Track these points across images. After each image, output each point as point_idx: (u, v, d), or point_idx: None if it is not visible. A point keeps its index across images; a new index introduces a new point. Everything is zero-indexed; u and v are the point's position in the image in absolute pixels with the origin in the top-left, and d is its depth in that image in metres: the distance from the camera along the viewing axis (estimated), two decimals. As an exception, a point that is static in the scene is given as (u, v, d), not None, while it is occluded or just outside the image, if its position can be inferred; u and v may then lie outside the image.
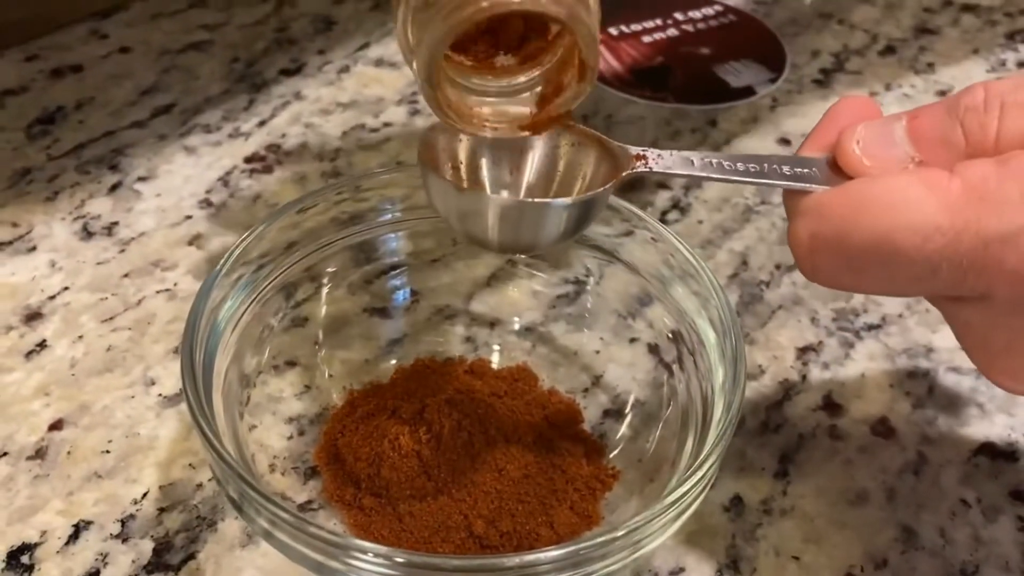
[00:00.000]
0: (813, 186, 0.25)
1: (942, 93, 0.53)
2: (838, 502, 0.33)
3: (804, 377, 0.37)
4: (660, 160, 0.26)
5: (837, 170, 0.25)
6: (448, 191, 0.26)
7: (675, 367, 0.33)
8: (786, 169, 0.25)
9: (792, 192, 0.25)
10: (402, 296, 0.37)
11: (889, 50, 0.56)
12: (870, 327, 0.39)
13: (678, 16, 0.58)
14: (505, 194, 0.26)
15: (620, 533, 0.24)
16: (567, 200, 0.26)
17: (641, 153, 0.26)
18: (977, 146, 0.23)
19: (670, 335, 0.34)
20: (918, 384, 0.37)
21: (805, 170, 0.25)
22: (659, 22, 0.57)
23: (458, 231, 0.27)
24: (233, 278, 0.31)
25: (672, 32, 0.57)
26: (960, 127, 0.23)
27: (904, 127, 0.24)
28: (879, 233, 0.22)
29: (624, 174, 0.26)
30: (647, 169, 0.26)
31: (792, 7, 0.60)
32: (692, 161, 0.26)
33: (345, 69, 0.52)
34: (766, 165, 0.26)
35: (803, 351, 0.38)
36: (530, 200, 0.25)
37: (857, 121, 0.25)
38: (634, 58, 0.54)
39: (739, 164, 0.26)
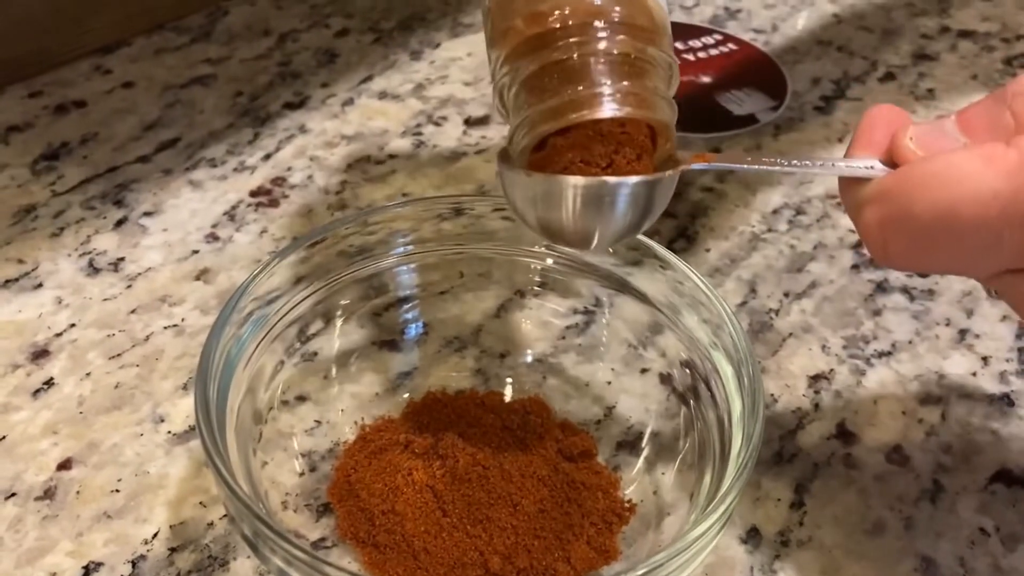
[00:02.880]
0: (873, 173, 0.25)
1: (943, 119, 0.53)
2: (855, 532, 0.32)
3: (817, 406, 0.37)
4: (717, 157, 0.28)
5: (892, 166, 0.26)
6: (522, 180, 0.27)
7: (689, 397, 0.33)
8: (842, 164, 0.26)
9: (850, 186, 0.26)
10: (411, 329, 0.37)
11: (889, 76, 0.57)
12: (881, 354, 0.39)
13: (678, 45, 0.58)
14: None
15: (640, 571, 0.24)
16: (641, 178, 0.26)
17: (701, 153, 0.28)
18: None
19: (682, 365, 0.34)
20: (931, 411, 0.37)
21: (860, 165, 0.26)
22: (660, 51, 0.57)
23: (535, 227, 0.28)
24: (244, 314, 0.31)
25: (673, 61, 0.57)
26: (1009, 111, 0.24)
27: (954, 121, 0.25)
28: (942, 206, 0.23)
29: (685, 167, 0.27)
30: (706, 164, 0.28)
31: (791, 35, 0.60)
32: (746, 158, 0.28)
33: (349, 102, 0.53)
34: (823, 161, 0.27)
35: (815, 379, 0.38)
36: (600, 179, 0.26)
37: (894, 123, 0.26)
38: (636, 87, 0.54)
39: (794, 160, 0.27)
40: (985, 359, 0.39)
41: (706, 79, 0.55)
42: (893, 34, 0.61)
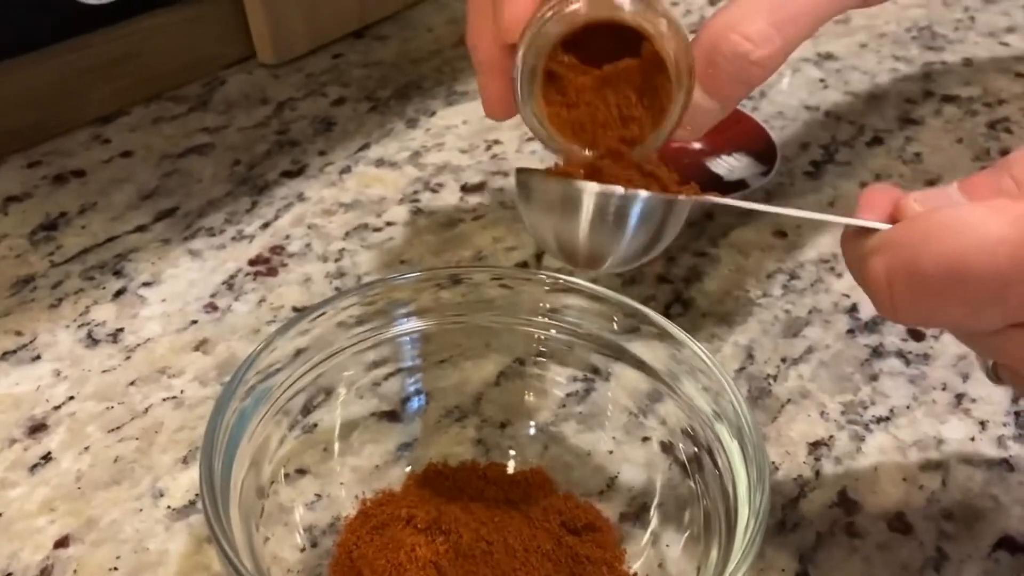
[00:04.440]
0: (880, 225, 0.26)
1: (931, 182, 0.54)
2: (861, 602, 0.32)
3: (818, 473, 0.37)
4: (732, 195, 0.29)
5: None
6: (540, 186, 0.28)
7: (692, 467, 0.33)
8: (847, 219, 0.27)
9: (854, 239, 0.27)
10: (412, 400, 0.37)
11: (876, 141, 0.58)
12: (879, 419, 0.39)
13: (669, 111, 0.59)
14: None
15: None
16: (658, 195, 0.28)
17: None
18: None
19: (684, 433, 0.34)
20: (931, 477, 0.37)
21: (867, 220, 0.27)
22: (651, 118, 0.58)
23: (549, 241, 0.29)
24: (247, 387, 0.31)
25: (664, 127, 0.58)
26: (1008, 176, 0.25)
27: (956, 187, 0.26)
28: (949, 255, 0.23)
29: (699, 197, 0.29)
30: (721, 199, 0.29)
31: (779, 101, 0.62)
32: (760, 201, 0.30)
33: (346, 170, 0.53)
34: (827, 215, 0.28)
35: (815, 446, 0.38)
36: (620, 190, 0.27)
37: (894, 196, 0.27)
38: (629, 154, 0.55)
39: (805, 209, 0.28)
40: (983, 423, 0.39)
41: (696, 145, 0.56)
42: (879, 99, 0.62)
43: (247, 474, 0.30)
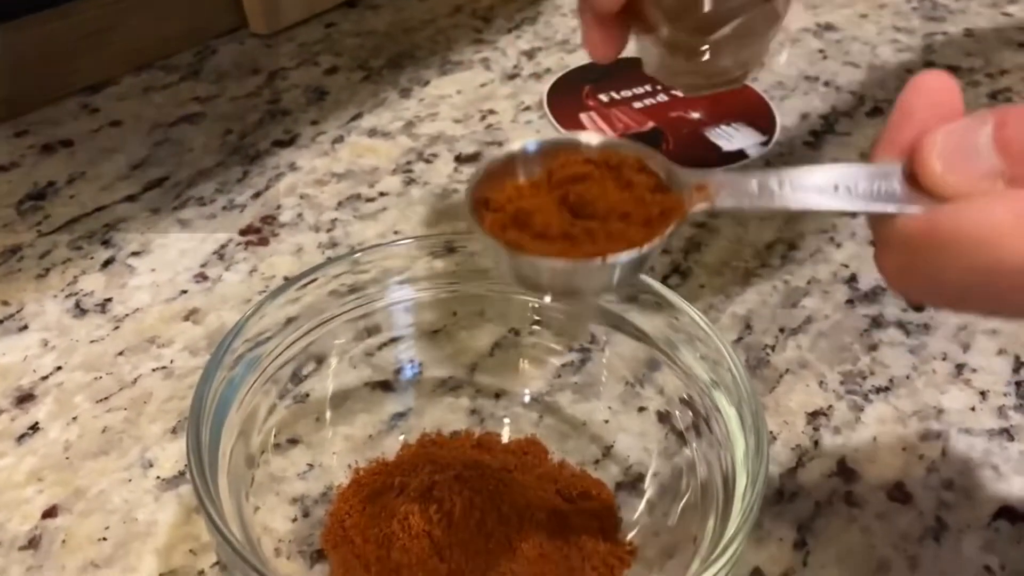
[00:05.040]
0: (894, 208, 0.23)
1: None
2: (860, 572, 0.32)
3: (816, 443, 0.36)
4: (721, 193, 0.24)
5: (916, 181, 0.23)
6: (499, 251, 0.24)
7: (689, 435, 0.32)
8: (862, 186, 0.23)
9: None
10: (405, 369, 0.37)
11: (876, 111, 0.57)
12: (878, 389, 0.39)
13: (667, 81, 0.58)
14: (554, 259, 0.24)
15: (647, 616, 0.23)
16: (619, 257, 0.23)
17: (702, 183, 0.24)
18: None
19: (681, 402, 0.33)
20: (931, 447, 0.36)
21: (883, 185, 0.23)
22: (648, 88, 0.58)
23: (513, 282, 0.26)
24: (236, 355, 0.30)
25: (662, 97, 0.57)
26: None
27: (989, 135, 0.22)
28: (974, 271, 0.21)
29: (679, 221, 0.24)
30: (709, 205, 0.24)
31: (778, 71, 0.61)
32: (755, 189, 0.24)
33: (339, 139, 0.52)
34: (839, 184, 0.24)
35: (813, 415, 0.37)
36: (579, 263, 0.24)
37: (933, 111, 0.24)
38: (626, 124, 0.55)
39: (807, 181, 0.24)
40: (983, 393, 0.38)
41: (695, 115, 0.56)
42: (879, 69, 0.61)
43: (236, 443, 0.30)
